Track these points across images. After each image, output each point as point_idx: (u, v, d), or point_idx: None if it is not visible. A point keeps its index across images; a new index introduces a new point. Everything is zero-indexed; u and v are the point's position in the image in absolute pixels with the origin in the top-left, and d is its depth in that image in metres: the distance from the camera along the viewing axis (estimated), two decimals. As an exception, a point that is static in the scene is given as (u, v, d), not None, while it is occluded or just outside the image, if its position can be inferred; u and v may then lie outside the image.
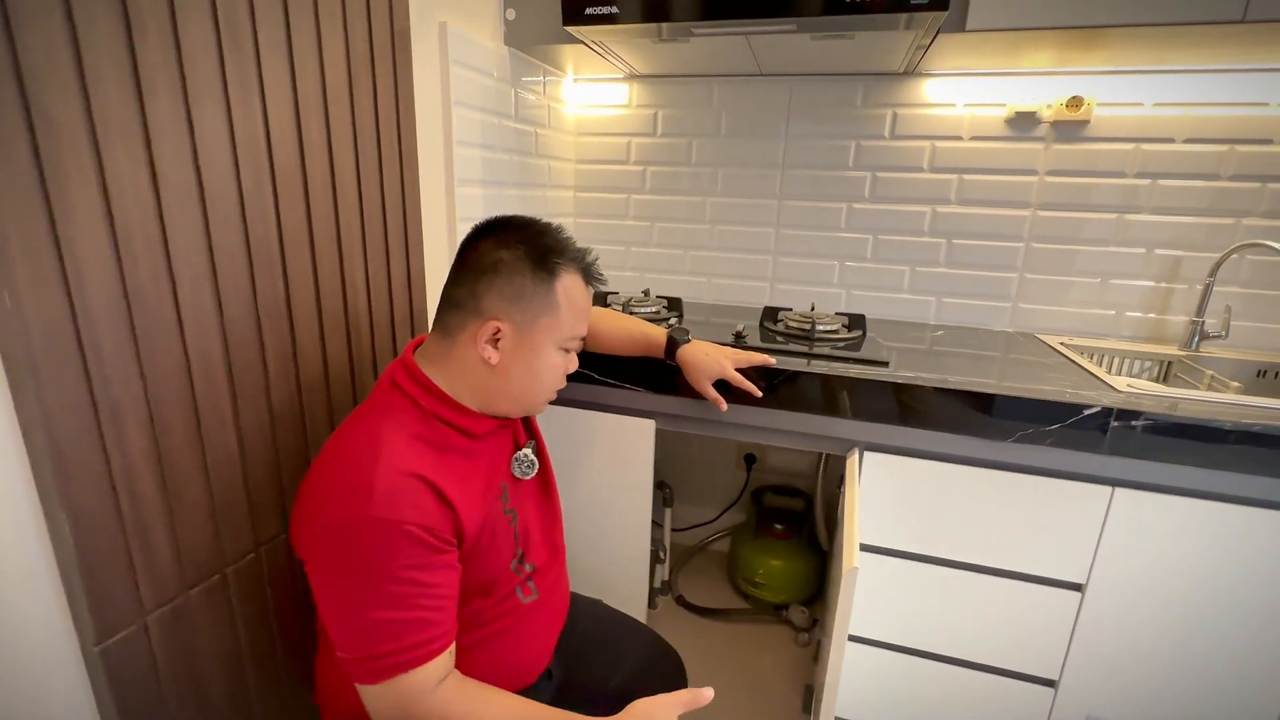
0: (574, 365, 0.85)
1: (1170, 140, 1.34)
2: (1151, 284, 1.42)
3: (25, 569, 0.62)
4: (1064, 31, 1.10)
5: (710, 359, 1.09)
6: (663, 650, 1.09)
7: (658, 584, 1.66)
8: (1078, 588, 1.06)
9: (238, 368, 0.80)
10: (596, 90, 1.68)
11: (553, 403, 1.24)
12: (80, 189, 0.61)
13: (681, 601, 1.69)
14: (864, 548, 1.15)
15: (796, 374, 1.11)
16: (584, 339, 0.84)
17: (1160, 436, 0.95)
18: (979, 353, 1.28)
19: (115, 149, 0.63)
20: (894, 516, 1.12)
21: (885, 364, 1.14)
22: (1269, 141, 1.29)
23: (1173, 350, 1.37)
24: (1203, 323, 1.35)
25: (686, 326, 1.33)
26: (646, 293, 1.58)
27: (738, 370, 1.10)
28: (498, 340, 0.76)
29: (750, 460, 1.80)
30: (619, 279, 1.81)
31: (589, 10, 1.17)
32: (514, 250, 0.75)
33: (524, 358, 0.77)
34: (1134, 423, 0.95)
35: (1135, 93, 1.33)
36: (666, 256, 1.75)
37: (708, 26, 1.16)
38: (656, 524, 1.70)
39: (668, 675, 1.08)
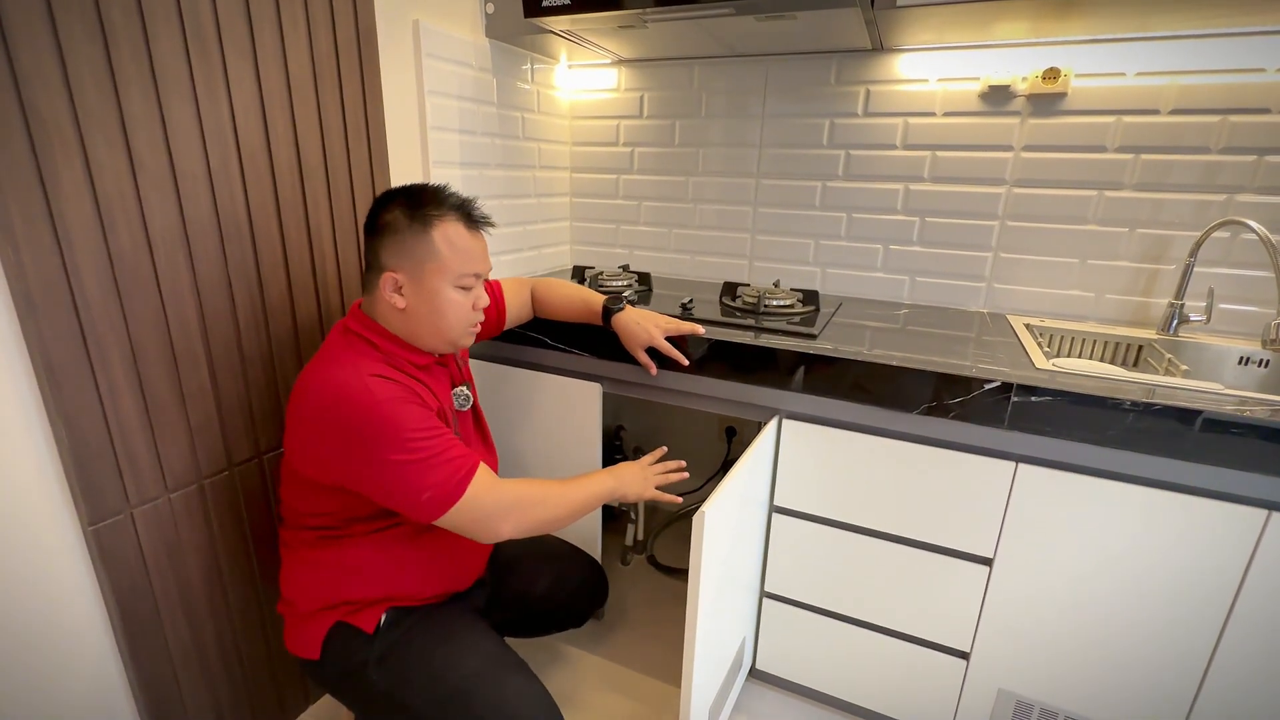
0: (483, 301, 0.96)
1: (1155, 111, 1.27)
2: (1134, 265, 1.35)
3: (35, 460, 0.82)
4: (1026, 1, 1.07)
5: (641, 327, 1.17)
6: (583, 560, 1.27)
7: (630, 543, 1.77)
8: (987, 561, 1.07)
9: (210, 319, 0.98)
10: (588, 75, 1.78)
11: (508, 364, 1.39)
12: (67, 171, 0.79)
13: (652, 560, 1.79)
14: (782, 510, 1.20)
15: (722, 342, 1.17)
16: (480, 276, 0.94)
17: (1058, 413, 0.94)
18: (928, 330, 1.28)
19: (96, 138, 0.81)
20: (811, 482, 1.16)
21: (812, 336, 1.18)
22: (1265, 111, 1.19)
23: (1150, 334, 1.31)
24: (1181, 306, 1.28)
25: (633, 296, 1.42)
26: (625, 267, 1.67)
27: (668, 339, 1.18)
28: (400, 288, 0.90)
29: (731, 433, 1.86)
30: (609, 255, 1.90)
31: (545, 3, 1.27)
32: (393, 212, 0.89)
33: (424, 299, 0.90)
34: (1033, 398, 0.95)
35: (1116, 62, 1.27)
36: (653, 234, 1.83)
37: (654, 13, 1.23)
38: (632, 487, 1.81)
39: (588, 580, 1.25)
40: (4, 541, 0.80)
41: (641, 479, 1.05)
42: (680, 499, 1.06)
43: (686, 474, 1.09)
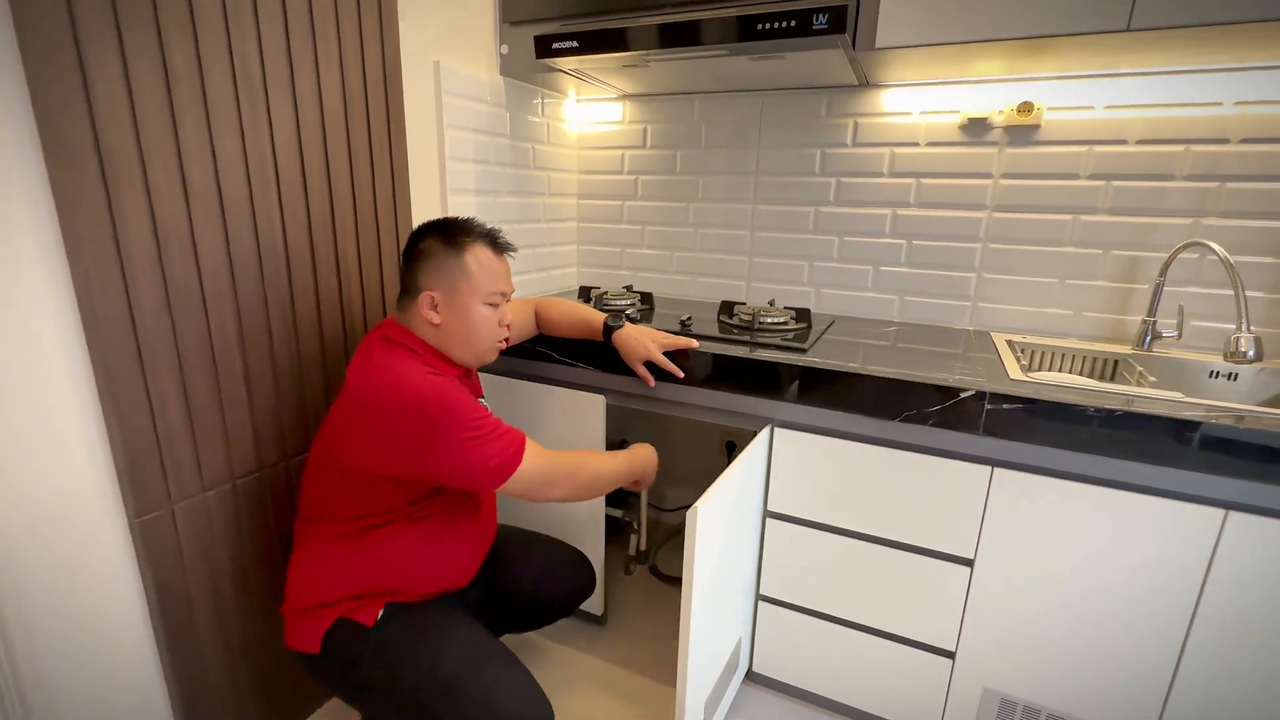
0: (508, 318, 1.08)
1: (1123, 142, 1.35)
2: (1110, 284, 1.42)
3: (91, 457, 0.90)
4: (1011, 41, 1.14)
5: (638, 343, 1.26)
6: (568, 551, 1.34)
7: (633, 553, 1.83)
8: (968, 562, 1.13)
9: (248, 333, 1.07)
10: (595, 109, 1.89)
11: (516, 377, 1.47)
12: (131, 200, 0.89)
13: (654, 571, 1.85)
14: (775, 515, 1.27)
15: (718, 357, 1.25)
16: (505, 295, 1.07)
17: (1029, 419, 1.01)
18: (914, 346, 1.36)
19: (157, 170, 0.91)
20: (802, 488, 1.23)
21: (802, 350, 1.26)
22: (1224, 141, 1.28)
23: (1126, 350, 1.38)
24: (1154, 323, 1.35)
25: (635, 314, 1.51)
26: (629, 288, 1.76)
27: (665, 354, 1.26)
28: (436, 306, 1.01)
29: (730, 447, 1.93)
30: (614, 277, 2.00)
31: (555, 45, 1.38)
32: (429, 240, 1.02)
33: (457, 314, 1.02)
34: (1005, 406, 1.03)
35: (1086, 96, 1.36)
36: (656, 257, 1.93)
37: (656, 55, 1.34)
38: (636, 497, 1.88)
39: (574, 569, 1.32)
40: (61, 528, 0.88)
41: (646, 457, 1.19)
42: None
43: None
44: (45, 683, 0.89)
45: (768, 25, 1.19)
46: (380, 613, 1.01)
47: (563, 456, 1.05)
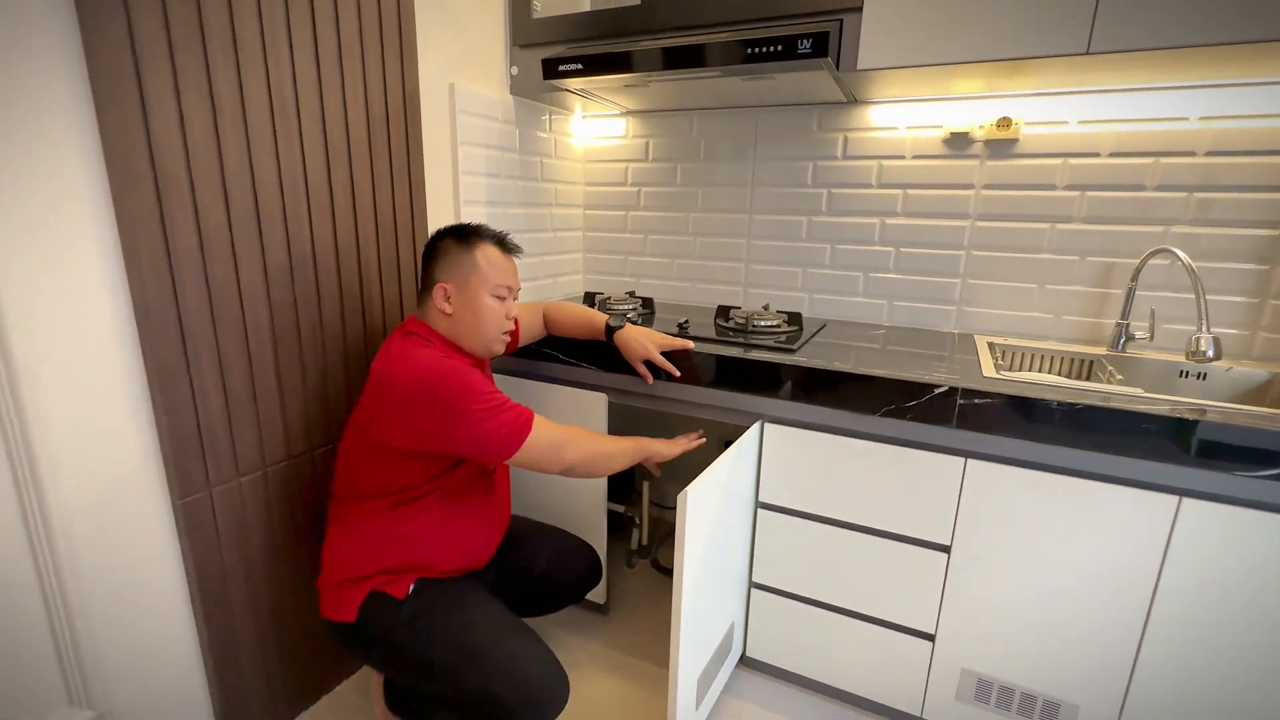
0: (514, 311, 1.18)
1: (1096, 155, 1.43)
2: (1087, 289, 1.50)
3: (140, 443, 1.01)
4: (983, 63, 1.23)
5: (638, 343, 1.35)
6: (579, 543, 1.43)
7: (635, 547, 1.91)
8: (945, 549, 1.20)
9: (280, 333, 1.17)
10: (600, 124, 2.00)
11: (525, 377, 1.56)
12: (181, 214, 0.99)
13: (655, 564, 1.93)
14: (766, 506, 1.35)
15: (712, 356, 1.34)
16: (511, 289, 1.17)
17: (998, 413, 1.09)
18: (898, 348, 1.44)
19: (203, 188, 1.02)
20: (791, 480, 1.31)
21: (792, 351, 1.34)
22: (1191, 154, 1.35)
23: (1101, 351, 1.45)
24: (1127, 325, 1.42)
25: (635, 318, 1.60)
26: (631, 293, 1.86)
27: (663, 353, 1.35)
28: (449, 297, 1.11)
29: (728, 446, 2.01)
30: (618, 283, 2.10)
31: (561, 67, 1.48)
32: (445, 240, 1.14)
33: (467, 303, 1.12)
34: (975, 401, 1.10)
35: (1060, 112, 1.44)
36: (657, 264, 2.02)
37: (656, 75, 1.44)
38: (637, 494, 1.96)
39: (581, 557, 1.41)
40: (115, 510, 0.99)
41: (668, 441, 1.30)
42: (704, 440, 1.34)
43: (704, 439, 1.35)
44: (99, 649, 0.99)
45: (757, 49, 1.28)
46: (411, 587, 1.10)
47: (571, 427, 1.14)
